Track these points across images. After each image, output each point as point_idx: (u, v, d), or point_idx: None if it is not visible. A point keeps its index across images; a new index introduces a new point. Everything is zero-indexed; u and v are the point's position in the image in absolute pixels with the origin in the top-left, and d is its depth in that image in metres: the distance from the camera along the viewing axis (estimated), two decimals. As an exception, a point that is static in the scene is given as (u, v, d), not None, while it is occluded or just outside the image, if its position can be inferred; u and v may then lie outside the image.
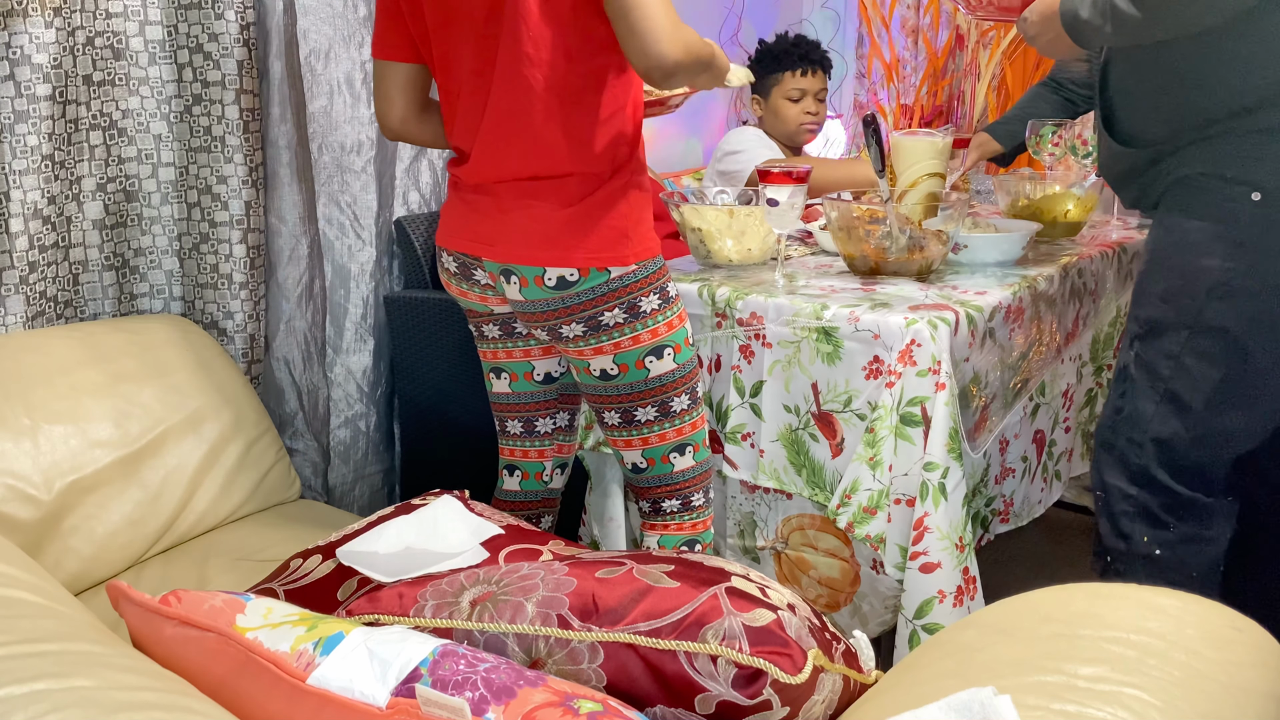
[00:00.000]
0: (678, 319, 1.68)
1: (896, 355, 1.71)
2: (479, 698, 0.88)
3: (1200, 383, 1.68)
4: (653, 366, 1.65)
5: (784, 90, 2.83)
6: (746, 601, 1.09)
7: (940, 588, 1.70)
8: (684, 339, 1.69)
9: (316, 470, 2.37)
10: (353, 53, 2.39)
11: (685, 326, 1.70)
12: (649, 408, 1.68)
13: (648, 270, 1.62)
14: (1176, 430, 1.70)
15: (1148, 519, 1.75)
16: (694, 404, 1.72)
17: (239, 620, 0.99)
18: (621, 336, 1.62)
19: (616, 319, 1.62)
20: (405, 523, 1.41)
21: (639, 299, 1.62)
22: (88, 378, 1.75)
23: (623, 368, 1.65)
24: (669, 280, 1.67)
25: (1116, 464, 1.77)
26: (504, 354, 1.78)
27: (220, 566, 1.72)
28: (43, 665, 0.83)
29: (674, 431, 1.71)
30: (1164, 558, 1.74)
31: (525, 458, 1.85)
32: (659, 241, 1.68)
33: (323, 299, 2.37)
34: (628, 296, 1.61)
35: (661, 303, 1.64)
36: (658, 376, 1.66)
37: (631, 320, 1.62)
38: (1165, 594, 1.04)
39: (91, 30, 1.94)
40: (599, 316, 1.61)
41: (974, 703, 0.82)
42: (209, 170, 2.07)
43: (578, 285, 1.59)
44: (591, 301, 1.60)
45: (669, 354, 1.66)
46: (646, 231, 1.64)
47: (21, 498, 1.60)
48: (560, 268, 1.58)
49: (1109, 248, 2.26)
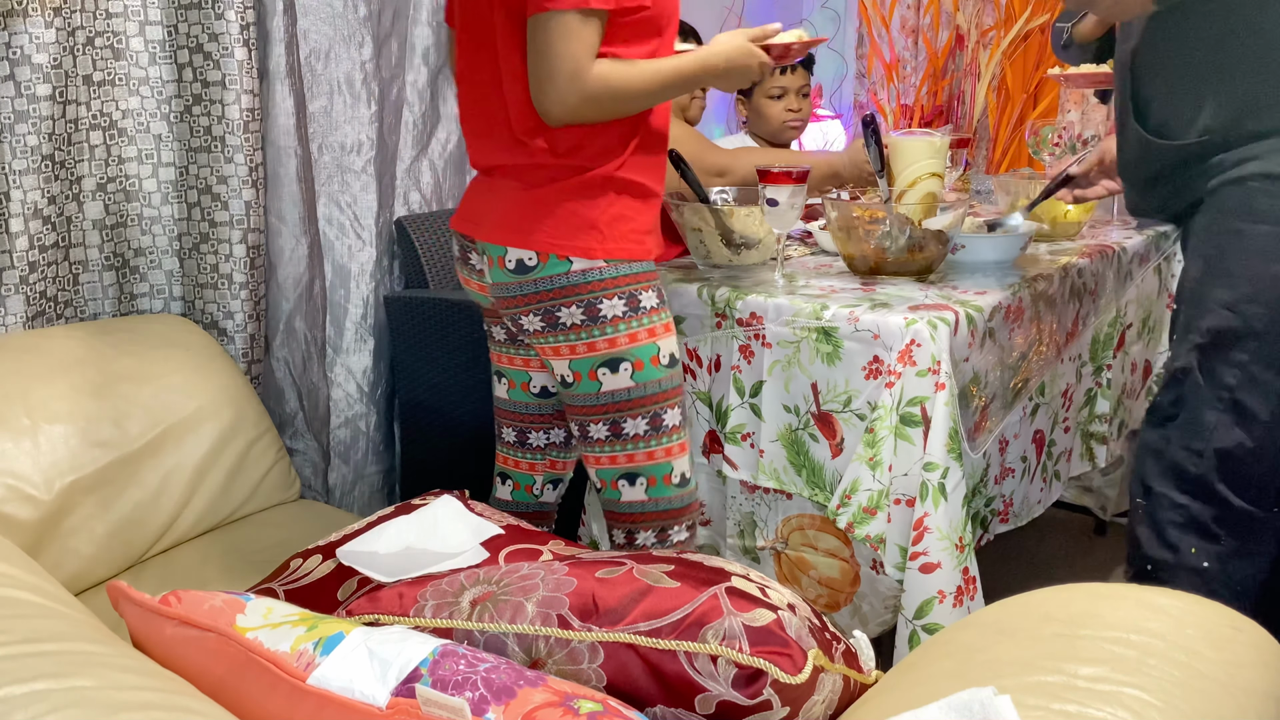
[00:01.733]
0: (647, 333, 1.58)
1: (896, 355, 1.71)
2: (479, 698, 0.88)
3: (1268, 392, 1.62)
4: (605, 380, 1.57)
5: (765, 89, 2.83)
6: (746, 601, 1.09)
7: (940, 588, 1.70)
8: (652, 356, 1.58)
9: (316, 470, 2.37)
10: (353, 53, 2.39)
11: (657, 343, 1.59)
12: (600, 424, 1.60)
13: (618, 271, 1.55)
14: (1240, 441, 1.65)
15: (1198, 530, 1.69)
16: (655, 432, 1.61)
17: (239, 620, 0.99)
18: (578, 340, 1.56)
19: (574, 318, 1.55)
20: (405, 523, 1.41)
21: (600, 300, 1.54)
22: (88, 378, 1.75)
23: (576, 375, 1.58)
24: (647, 289, 1.58)
25: (1167, 472, 1.71)
26: (506, 359, 1.77)
27: (220, 566, 1.72)
28: (43, 665, 0.83)
29: (624, 457, 1.62)
30: (1211, 570, 1.68)
31: (516, 468, 1.84)
32: (648, 248, 1.60)
33: (323, 299, 2.37)
34: (588, 295, 1.54)
35: (628, 310, 1.56)
36: (610, 392, 1.58)
37: (589, 324, 1.55)
38: (1165, 594, 1.04)
39: (91, 30, 1.94)
40: (556, 311, 1.55)
41: (974, 703, 0.82)
42: (209, 170, 2.07)
43: (536, 271, 1.54)
44: (550, 293, 1.55)
45: (626, 369, 1.57)
46: (628, 232, 1.57)
47: (21, 498, 1.60)
48: (519, 249, 1.55)
49: (1109, 248, 2.26)
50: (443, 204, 2.68)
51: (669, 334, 1.62)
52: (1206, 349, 1.67)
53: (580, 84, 1.46)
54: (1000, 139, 3.46)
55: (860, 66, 3.89)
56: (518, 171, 1.59)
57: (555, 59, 1.45)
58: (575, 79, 1.46)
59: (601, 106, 1.49)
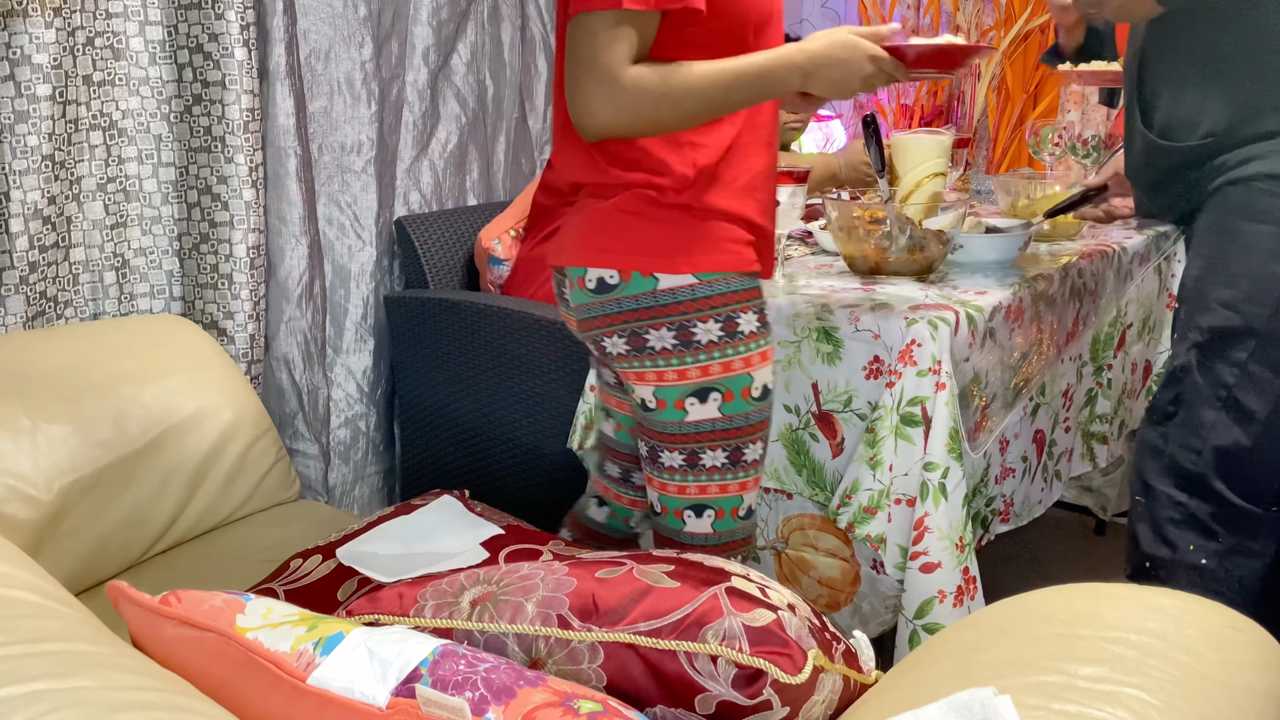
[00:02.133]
0: (742, 362, 1.43)
1: (897, 355, 1.71)
2: (479, 698, 0.88)
3: (1266, 391, 1.63)
4: (691, 410, 1.44)
5: None
6: (746, 601, 1.09)
7: (941, 588, 1.70)
8: (744, 388, 1.44)
9: (316, 470, 2.37)
10: (353, 53, 2.39)
11: (752, 374, 1.44)
12: (675, 453, 1.47)
13: (712, 290, 1.40)
14: (1238, 439, 1.66)
15: (1197, 528, 1.71)
16: (733, 466, 1.47)
17: (239, 620, 0.99)
18: (666, 366, 1.42)
19: (665, 342, 1.41)
20: (405, 523, 1.41)
21: (694, 322, 1.39)
22: (88, 378, 1.75)
23: (660, 403, 1.45)
24: (746, 310, 1.42)
25: (1166, 470, 1.73)
26: (615, 402, 1.65)
27: (220, 566, 1.72)
28: (43, 665, 0.83)
29: (695, 488, 1.48)
30: (1209, 568, 1.70)
31: (617, 500, 1.74)
32: (747, 259, 1.44)
33: (323, 299, 2.37)
34: (679, 316, 1.39)
35: (724, 335, 1.41)
36: (694, 422, 1.44)
37: (681, 349, 1.40)
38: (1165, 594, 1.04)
39: (91, 30, 1.94)
40: (644, 334, 1.41)
41: (974, 703, 0.82)
42: (209, 170, 2.07)
43: (618, 290, 1.41)
44: (635, 314, 1.40)
45: (715, 400, 1.43)
46: (721, 240, 1.41)
47: (21, 498, 1.60)
48: (599, 268, 1.41)
49: (1109, 248, 2.25)
50: (443, 204, 2.68)
51: (765, 363, 1.46)
52: (1205, 347, 1.67)
53: (611, 91, 1.30)
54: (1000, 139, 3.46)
55: (860, 66, 3.88)
56: (594, 188, 1.46)
57: (581, 64, 1.31)
58: (604, 85, 1.30)
59: (640, 116, 1.32)
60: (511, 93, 2.81)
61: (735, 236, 1.43)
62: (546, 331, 2.20)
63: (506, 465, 2.33)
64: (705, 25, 1.35)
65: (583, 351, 2.13)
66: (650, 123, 1.34)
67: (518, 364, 2.26)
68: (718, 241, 1.40)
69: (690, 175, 1.39)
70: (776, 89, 1.38)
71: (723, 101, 1.36)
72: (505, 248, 2.53)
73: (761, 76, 1.36)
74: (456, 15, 2.63)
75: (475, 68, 2.69)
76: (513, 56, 2.79)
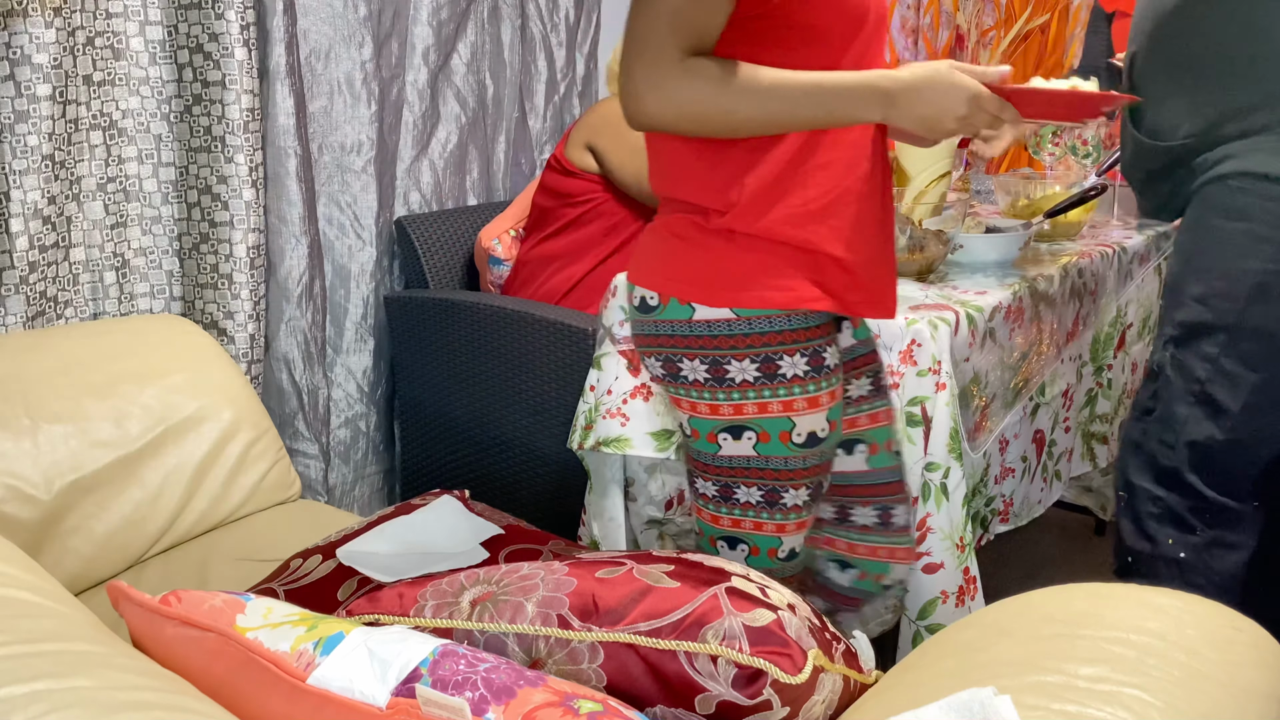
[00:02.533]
0: (781, 405, 1.31)
1: (897, 355, 1.71)
2: (479, 698, 0.88)
3: (1238, 386, 1.65)
4: (725, 444, 1.35)
5: None
6: (747, 601, 1.09)
7: (943, 588, 1.70)
8: (782, 432, 1.32)
9: (316, 470, 2.37)
10: (353, 53, 2.39)
11: (793, 419, 1.31)
12: (709, 482, 1.39)
13: (750, 328, 1.28)
14: (1211, 433, 1.68)
15: (1174, 522, 1.72)
16: (769, 506, 1.37)
17: (239, 620, 0.99)
18: (699, 399, 1.33)
19: (697, 374, 1.32)
20: (405, 523, 1.41)
21: (728, 360, 1.29)
22: (88, 378, 1.75)
23: (694, 432, 1.37)
24: (792, 353, 1.29)
25: (1145, 465, 1.75)
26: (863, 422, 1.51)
27: (220, 566, 1.72)
28: (43, 665, 0.83)
29: (729, 520, 1.39)
30: (1188, 561, 1.72)
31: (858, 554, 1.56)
32: (797, 297, 1.29)
33: (323, 299, 2.37)
34: (713, 351, 1.29)
35: (760, 377, 1.29)
36: (728, 456, 1.35)
37: (713, 384, 1.31)
38: (1165, 594, 1.04)
39: (91, 30, 1.94)
40: (678, 362, 1.33)
41: (974, 703, 0.82)
42: (209, 170, 2.07)
43: (656, 313, 1.32)
44: (670, 340, 1.32)
45: (750, 438, 1.33)
46: (765, 277, 1.27)
47: (21, 498, 1.60)
48: (642, 287, 1.34)
49: (1109, 248, 2.26)
50: (443, 204, 2.68)
51: (815, 410, 1.32)
52: (1179, 342, 1.70)
53: (660, 77, 1.16)
54: (1000, 139, 3.46)
55: (860, 66, 3.89)
56: (662, 202, 1.38)
57: (634, 45, 1.18)
58: (655, 70, 1.16)
59: (686, 111, 1.18)
60: (511, 93, 2.81)
61: (791, 270, 1.28)
62: (546, 331, 2.20)
63: (506, 465, 2.33)
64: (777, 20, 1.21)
65: (583, 351, 2.13)
66: (697, 121, 1.19)
67: (518, 364, 2.25)
68: (766, 275, 1.27)
69: (737, 198, 1.26)
70: (853, 114, 1.23)
71: (786, 115, 1.20)
72: (505, 248, 2.53)
73: (837, 95, 1.20)
74: (456, 15, 2.63)
75: (475, 68, 2.69)
76: (513, 56, 2.79)
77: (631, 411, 1.98)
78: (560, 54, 2.91)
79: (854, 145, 1.30)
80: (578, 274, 2.36)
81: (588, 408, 2.01)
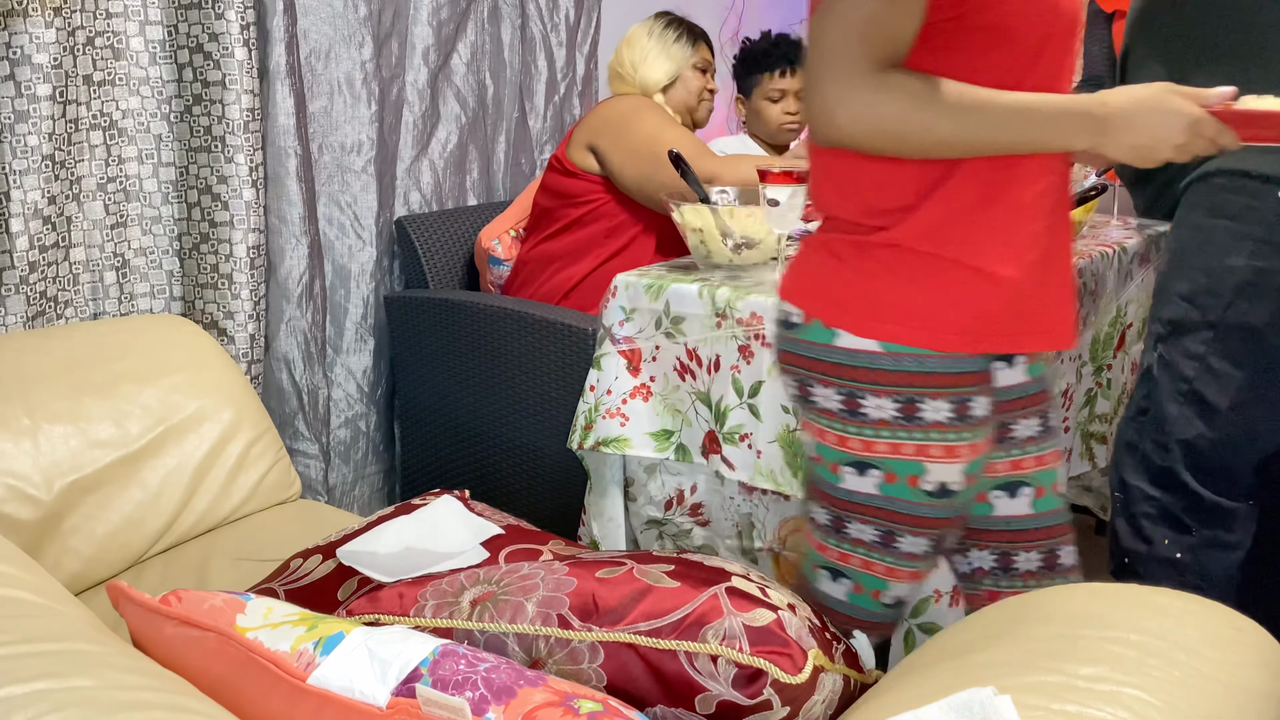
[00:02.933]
0: (916, 450, 1.21)
1: (896, 355, 1.71)
2: (479, 697, 0.88)
3: (1226, 383, 1.65)
4: (847, 478, 1.25)
5: (764, 91, 2.82)
6: (747, 601, 1.09)
7: (936, 587, 1.70)
8: (911, 476, 1.22)
9: (316, 470, 2.37)
10: (353, 53, 2.39)
11: (926, 465, 1.21)
12: (824, 511, 1.30)
13: (897, 365, 1.18)
14: (1201, 432, 1.68)
15: (1170, 522, 1.72)
16: (884, 548, 1.27)
17: (239, 620, 0.99)
18: (828, 428, 1.24)
19: (830, 403, 1.23)
20: (405, 523, 1.41)
21: (864, 394, 1.20)
22: (88, 378, 1.75)
23: (818, 459, 1.28)
24: (937, 397, 1.19)
25: (1139, 466, 1.75)
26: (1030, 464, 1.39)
27: (220, 566, 1.72)
28: (43, 665, 0.83)
29: (837, 554, 1.31)
30: (1184, 561, 1.72)
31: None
32: (959, 339, 1.19)
33: (323, 299, 2.37)
34: (850, 383, 1.20)
35: (899, 417, 1.20)
36: (848, 490, 1.26)
37: (845, 416, 1.22)
38: (1165, 594, 1.04)
39: (91, 30, 1.94)
40: (811, 386, 1.24)
41: (974, 703, 0.82)
42: (209, 170, 2.08)
43: (797, 331, 1.24)
44: (807, 362, 1.24)
45: (875, 476, 1.23)
46: (924, 310, 1.18)
47: (21, 498, 1.60)
48: (788, 302, 1.26)
49: (1109, 248, 2.25)
50: (443, 204, 2.68)
51: (952, 460, 1.22)
52: (1166, 340, 1.71)
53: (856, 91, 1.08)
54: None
55: (860, 66, 3.88)
56: (825, 219, 1.29)
57: (825, 57, 1.09)
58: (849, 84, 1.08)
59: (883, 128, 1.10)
60: (511, 93, 2.81)
61: (955, 302, 1.18)
62: (546, 331, 2.20)
63: (506, 465, 2.33)
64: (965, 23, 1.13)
65: (583, 351, 2.13)
66: (893, 139, 1.11)
67: (518, 364, 2.26)
68: (925, 307, 1.18)
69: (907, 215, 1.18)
70: (1059, 140, 1.15)
71: (986, 137, 1.12)
72: (505, 248, 2.53)
73: (1044, 120, 1.13)
74: (456, 15, 2.63)
75: (475, 67, 2.69)
76: (513, 56, 2.79)
77: (631, 412, 1.98)
78: (560, 54, 2.91)
79: (1038, 158, 1.20)
80: (578, 274, 2.36)
81: (587, 408, 2.01)
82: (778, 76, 2.81)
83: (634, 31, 2.50)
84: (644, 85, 2.46)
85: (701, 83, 2.50)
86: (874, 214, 1.20)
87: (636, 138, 2.28)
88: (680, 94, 2.48)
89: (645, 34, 2.48)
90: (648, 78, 2.45)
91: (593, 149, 2.34)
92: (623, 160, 2.29)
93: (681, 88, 2.48)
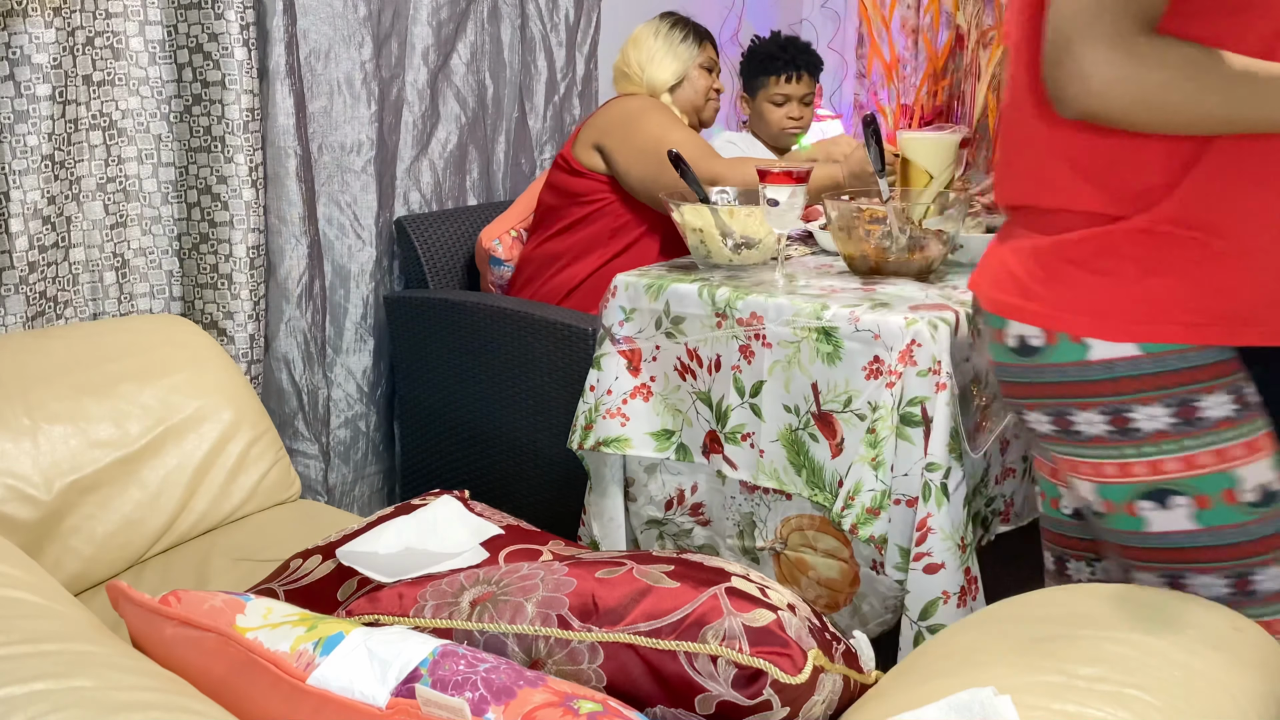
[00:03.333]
0: (1212, 456, 1.06)
1: (897, 355, 1.71)
2: (479, 698, 0.88)
3: None
4: (1151, 517, 1.09)
5: (769, 94, 2.82)
6: (746, 602, 1.09)
7: (944, 589, 1.70)
8: (1224, 490, 1.06)
9: (316, 470, 2.37)
10: (353, 53, 2.39)
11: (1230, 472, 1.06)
12: (1151, 575, 1.12)
13: (1161, 365, 1.05)
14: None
15: None
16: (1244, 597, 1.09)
17: (239, 620, 0.99)
18: (1103, 458, 1.10)
19: (1095, 428, 1.09)
20: (405, 523, 1.41)
21: (1131, 406, 1.07)
22: (88, 378, 1.75)
23: (1107, 506, 1.12)
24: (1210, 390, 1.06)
25: None
26: (1036, 462, 1.34)
27: (220, 566, 1.72)
28: (43, 665, 0.83)
29: None
30: None
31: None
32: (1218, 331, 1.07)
33: (323, 299, 2.37)
34: (1113, 398, 1.07)
35: (1177, 423, 1.06)
36: (1161, 534, 1.09)
37: (1117, 437, 1.08)
38: (1165, 594, 1.04)
39: (91, 30, 1.94)
40: (1070, 415, 1.11)
41: (974, 703, 0.82)
42: (209, 170, 2.08)
43: (1042, 355, 1.11)
44: (1060, 387, 1.10)
45: (1184, 506, 1.07)
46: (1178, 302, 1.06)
47: (21, 498, 1.60)
48: (1018, 322, 1.12)
49: None
50: (443, 204, 2.68)
51: (1254, 456, 1.07)
52: None
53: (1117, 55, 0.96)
54: (1000, 139, 3.46)
55: (860, 66, 3.89)
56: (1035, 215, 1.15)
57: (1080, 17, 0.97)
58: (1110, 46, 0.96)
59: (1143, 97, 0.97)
60: (511, 93, 2.81)
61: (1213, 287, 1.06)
62: (546, 331, 2.20)
63: (506, 465, 2.33)
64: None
65: (583, 351, 2.13)
66: (1152, 110, 0.98)
67: (518, 364, 2.25)
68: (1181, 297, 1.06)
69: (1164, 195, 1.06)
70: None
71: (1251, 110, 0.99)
72: (506, 248, 2.53)
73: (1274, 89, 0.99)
74: (456, 15, 2.63)
75: (475, 68, 2.69)
76: (513, 56, 2.79)
77: (631, 412, 1.98)
78: (560, 54, 2.91)
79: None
80: (581, 274, 2.36)
81: (588, 408, 2.01)
82: (783, 81, 2.81)
83: (640, 32, 2.50)
84: (651, 85, 2.46)
85: (708, 82, 2.51)
86: (1120, 199, 1.07)
87: (644, 138, 2.28)
88: (687, 94, 2.48)
89: (651, 34, 2.48)
90: (655, 78, 2.45)
91: (599, 148, 2.34)
92: (629, 160, 2.29)
93: (688, 88, 2.48)
